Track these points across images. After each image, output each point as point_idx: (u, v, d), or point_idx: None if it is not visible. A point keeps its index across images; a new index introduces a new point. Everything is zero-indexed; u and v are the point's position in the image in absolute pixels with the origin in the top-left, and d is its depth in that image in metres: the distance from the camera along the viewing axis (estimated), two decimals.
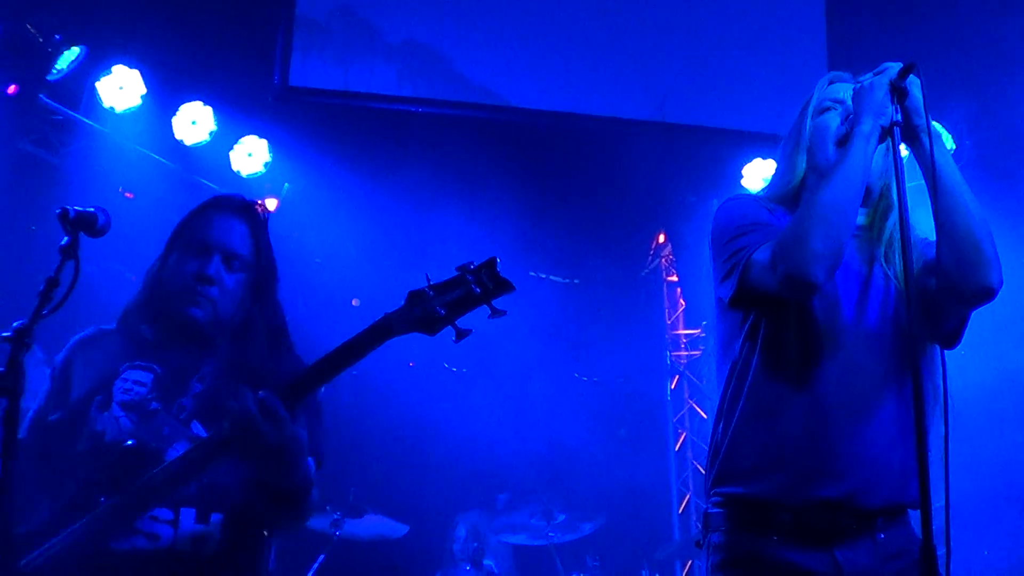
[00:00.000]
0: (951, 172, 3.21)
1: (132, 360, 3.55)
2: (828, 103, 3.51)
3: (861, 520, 3.20)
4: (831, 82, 3.60)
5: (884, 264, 3.40)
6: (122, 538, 3.29)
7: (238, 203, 3.80)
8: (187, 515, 3.39)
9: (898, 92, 3.18)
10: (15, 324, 2.94)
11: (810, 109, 3.54)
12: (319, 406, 3.78)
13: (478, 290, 3.25)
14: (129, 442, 3.38)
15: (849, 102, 3.38)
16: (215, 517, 3.44)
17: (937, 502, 2.69)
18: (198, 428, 3.49)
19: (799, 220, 3.14)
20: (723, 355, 3.50)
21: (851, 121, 3.29)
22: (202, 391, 3.56)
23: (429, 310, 3.26)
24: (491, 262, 3.28)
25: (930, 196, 3.17)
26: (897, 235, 3.31)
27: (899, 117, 3.17)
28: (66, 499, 3.33)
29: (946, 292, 3.21)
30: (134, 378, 3.52)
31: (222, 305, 3.64)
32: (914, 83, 3.18)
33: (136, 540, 3.31)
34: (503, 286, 3.25)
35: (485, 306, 3.27)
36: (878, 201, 3.47)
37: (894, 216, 3.37)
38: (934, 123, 3.23)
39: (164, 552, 3.32)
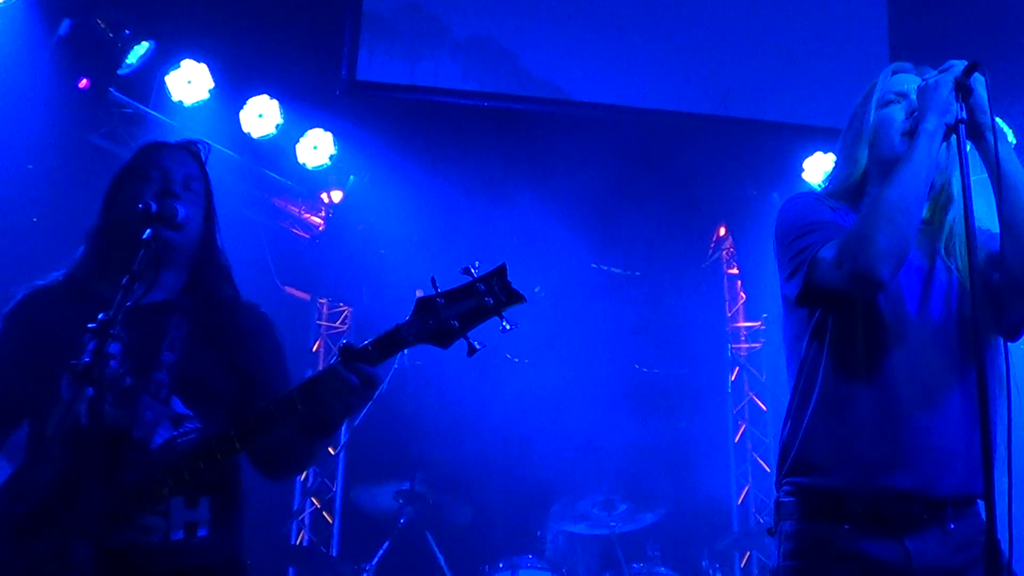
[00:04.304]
0: (1016, 169, 3.23)
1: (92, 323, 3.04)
2: (892, 96, 3.50)
3: (931, 510, 3.23)
4: (895, 72, 3.59)
5: (945, 257, 3.42)
6: (115, 534, 3.17)
7: (177, 142, 3.73)
8: (176, 504, 3.31)
9: (963, 90, 3.18)
10: (100, 316, 2.95)
11: (873, 100, 3.52)
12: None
13: (490, 301, 3.15)
14: (112, 430, 3.22)
15: (913, 95, 3.39)
16: (203, 500, 3.38)
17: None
18: (178, 405, 3.38)
19: (865, 218, 3.17)
20: (791, 353, 3.54)
21: (915, 118, 3.31)
22: (175, 362, 3.42)
23: (442, 321, 3.15)
24: (501, 270, 3.19)
25: (994, 193, 3.20)
26: (958, 228, 3.33)
27: (964, 115, 3.17)
28: (46, 493, 3.23)
29: (1010, 286, 3.24)
30: None
31: (192, 225, 3.52)
32: (979, 81, 3.19)
33: (129, 535, 3.22)
34: (515, 297, 3.16)
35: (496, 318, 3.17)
36: (939, 194, 3.47)
37: (954, 209, 3.41)
38: (997, 119, 3.25)
39: (158, 545, 3.26)
